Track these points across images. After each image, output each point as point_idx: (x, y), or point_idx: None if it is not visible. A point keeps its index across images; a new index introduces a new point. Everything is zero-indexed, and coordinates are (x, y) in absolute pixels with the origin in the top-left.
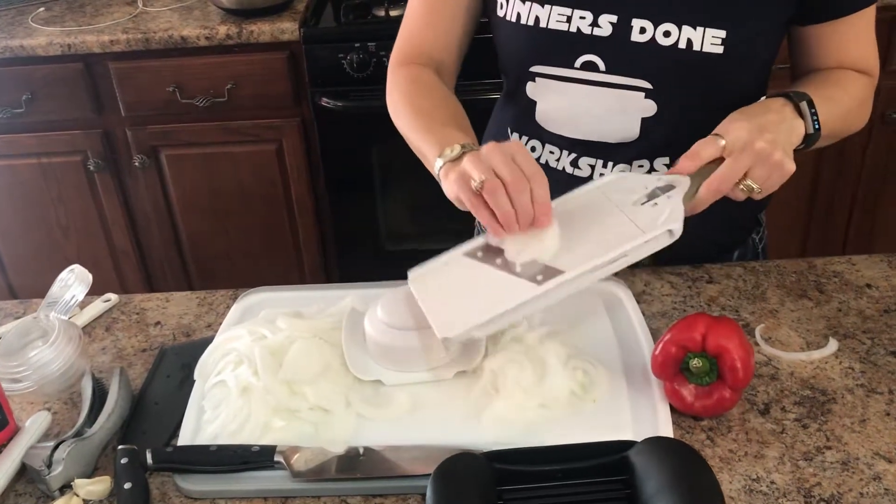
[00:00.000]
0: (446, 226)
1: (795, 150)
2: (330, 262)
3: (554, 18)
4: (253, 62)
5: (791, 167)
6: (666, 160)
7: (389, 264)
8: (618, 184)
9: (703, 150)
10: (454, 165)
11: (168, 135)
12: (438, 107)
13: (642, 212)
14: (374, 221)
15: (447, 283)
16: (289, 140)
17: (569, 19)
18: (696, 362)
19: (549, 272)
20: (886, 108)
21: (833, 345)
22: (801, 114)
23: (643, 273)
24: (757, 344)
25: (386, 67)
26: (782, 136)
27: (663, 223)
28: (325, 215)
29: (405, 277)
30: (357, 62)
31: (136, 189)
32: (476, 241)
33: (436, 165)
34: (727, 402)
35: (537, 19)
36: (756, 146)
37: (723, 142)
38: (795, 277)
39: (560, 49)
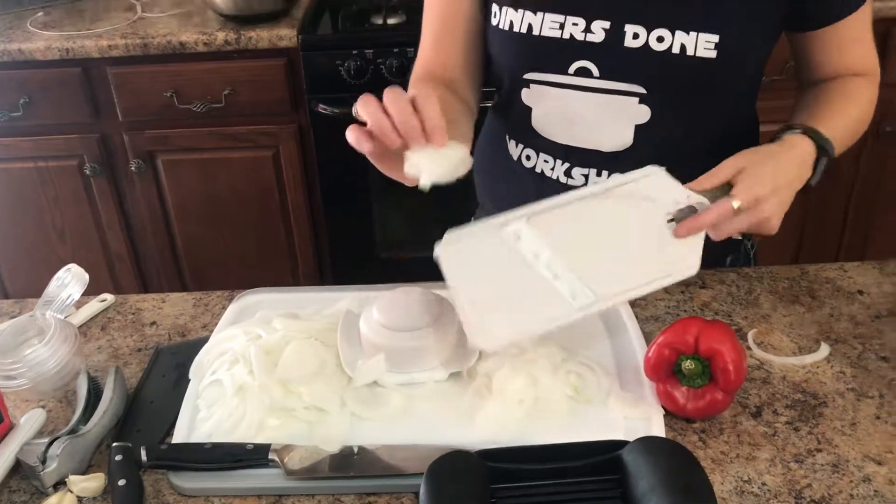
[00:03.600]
0: (440, 234)
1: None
2: (324, 268)
3: (547, 25)
4: (251, 68)
5: (775, 229)
6: (663, 170)
7: (383, 271)
8: (652, 187)
9: (710, 217)
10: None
11: (165, 140)
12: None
13: (667, 238)
14: (368, 228)
15: (477, 267)
16: (285, 146)
17: (562, 26)
18: (688, 364)
19: (579, 290)
20: (881, 120)
21: (825, 349)
22: (816, 167)
23: None
24: (749, 348)
25: (383, 74)
26: (787, 198)
27: (685, 261)
28: (319, 221)
29: (399, 282)
30: (355, 69)
31: (132, 193)
32: (511, 215)
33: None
34: (719, 405)
35: (530, 27)
36: (763, 209)
37: (737, 205)
38: (788, 283)
39: (553, 56)
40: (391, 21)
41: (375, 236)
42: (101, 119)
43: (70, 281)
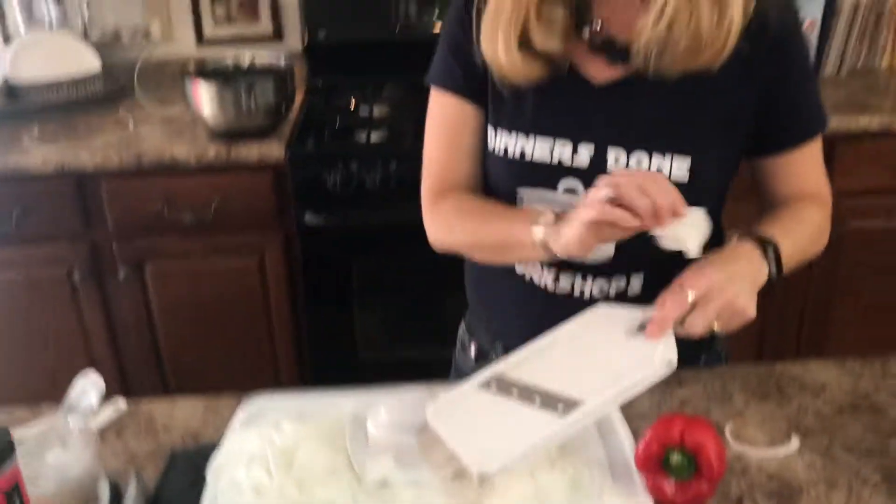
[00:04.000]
0: (418, 337)
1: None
2: (305, 372)
3: (538, 149)
4: (240, 181)
5: (752, 313)
6: (641, 276)
7: (364, 373)
8: (607, 317)
9: (671, 311)
10: (556, 227)
11: (154, 248)
12: (498, 207)
13: (639, 344)
14: (349, 332)
15: (469, 417)
16: (270, 254)
17: (551, 149)
18: (676, 458)
19: (569, 404)
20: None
21: (795, 442)
22: (766, 259)
23: None
24: (727, 441)
25: (366, 186)
26: (748, 285)
27: (661, 356)
28: (302, 326)
29: (380, 383)
30: (340, 182)
31: (119, 300)
32: (487, 373)
33: (536, 234)
34: (704, 495)
35: (522, 149)
36: (725, 295)
37: (691, 297)
38: (758, 381)
39: (544, 177)
40: (375, 137)
41: (357, 339)
42: (91, 228)
43: (89, 388)
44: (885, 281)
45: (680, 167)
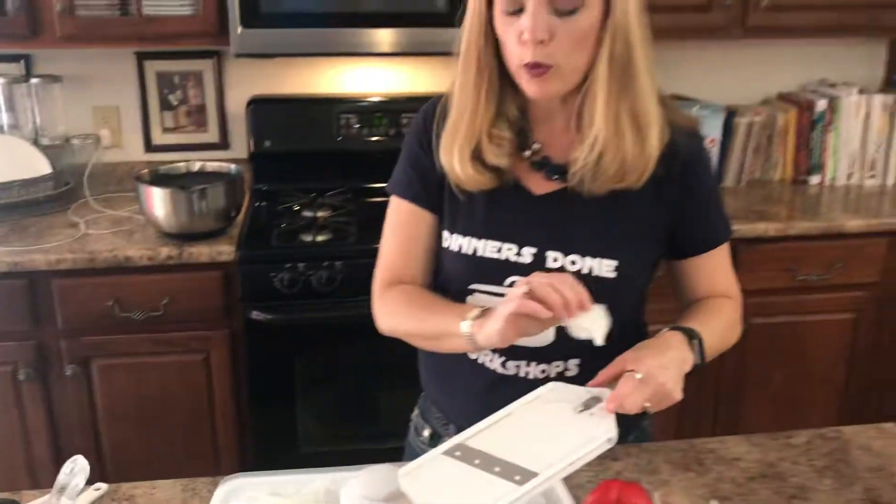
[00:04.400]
0: (357, 432)
1: (687, 374)
2: (247, 468)
3: (488, 250)
4: (190, 279)
5: (679, 396)
6: (577, 360)
7: (304, 466)
8: (556, 394)
9: (625, 388)
10: (480, 321)
11: (102, 345)
12: (437, 301)
13: (583, 421)
14: (292, 427)
15: (437, 481)
16: (216, 350)
17: (499, 250)
18: None
19: (525, 474)
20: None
21: None
22: (692, 348)
23: None
24: None
25: (311, 284)
26: (677, 371)
27: (604, 433)
28: (244, 420)
29: None
30: (287, 280)
31: (63, 398)
32: (453, 441)
33: (462, 327)
34: None
35: (475, 250)
36: (658, 380)
37: (639, 376)
38: (680, 454)
39: (493, 273)
40: (320, 238)
41: (298, 433)
42: (40, 327)
43: (77, 470)
44: (787, 370)
45: (608, 267)
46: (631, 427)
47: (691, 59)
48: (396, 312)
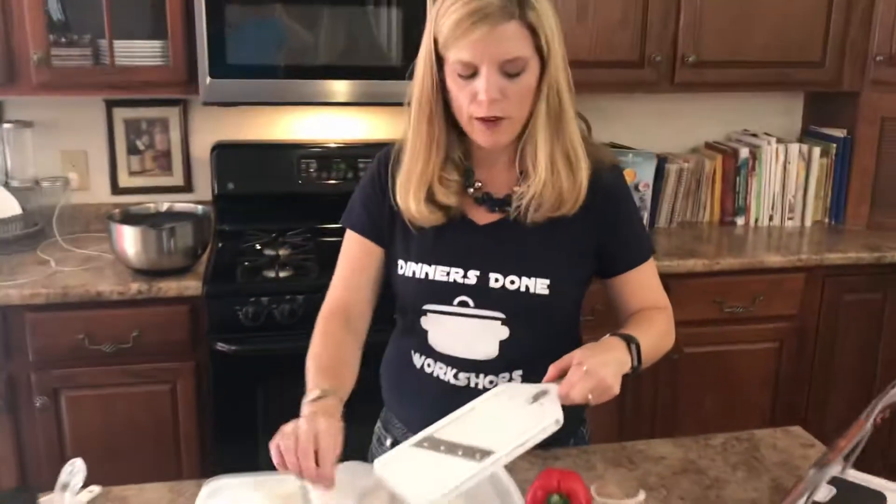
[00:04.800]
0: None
1: (626, 375)
2: None
3: (438, 273)
4: (158, 313)
5: (617, 390)
6: (520, 372)
7: None
8: (509, 391)
9: (574, 377)
10: (313, 403)
11: (71, 378)
12: (330, 356)
13: (534, 410)
14: (254, 454)
15: (408, 467)
16: (182, 381)
17: (448, 273)
18: (555, 499)
19: (484, 453)
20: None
21: (642, 494)
22: (630, 352)
23: None
24: (593, 496)
25: (275, 317)
26: (616, 368)
27: (551, 416)
28: (209, 449)
29: None
30: (252, 313)
31: (32, 429)
32: (420, 435)
33: (304, 399)
34: None
35: (427, 274)
36: (600, 374)
37: (585, 368)
38: (613, 454)
39: (443, 293)
40: (282, 274)
41: (260, 460)
42: (11, 360)
43: (77, 470)
44: (717, 396)
45: (542, 285)
46: (569, 434)
47: (626, 111)
48: (310, 344)
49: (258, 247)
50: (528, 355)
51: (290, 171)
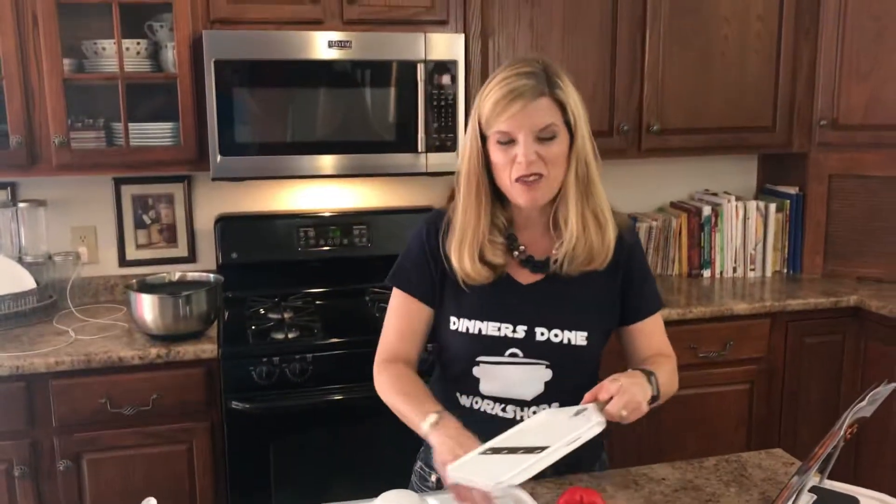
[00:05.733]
0: None
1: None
2: None
3: (490, 328)
4: (176, 376)
5: (646, 408)
6: (558, 403)
7: None
8: (552, 412)
9: (613, 388)
10: (436, 427)
11: (93, 441)
12: (417, 390)
13: (579, 419)
14: None
15: (478, 465)
16: (198, 440)
17: (499, 328)
18: None
19: (541, 449)
20: None
21: None
22: (650, 383)
23: (534, 481)
24: None
25: (286, 377)
26: (643, 391)
27: (595, 420)
28: None
29: None
30: (265, 373)
31: (54, 492)
32: (482, 447)
33: (423, 426)
34: None
35: (480, 329)
36: (632, 391)
37: (619, 383)
38: (621, 478)
39: (495, 346)
40: (291, 335)
41: None
42: (35, 427)
43: None
44: (697, 435)
45: (581, 337)
46: (595, 458)
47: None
48: (385, 387)
49: (262, 311)
50: (566, 392)
51: (290, 240)
